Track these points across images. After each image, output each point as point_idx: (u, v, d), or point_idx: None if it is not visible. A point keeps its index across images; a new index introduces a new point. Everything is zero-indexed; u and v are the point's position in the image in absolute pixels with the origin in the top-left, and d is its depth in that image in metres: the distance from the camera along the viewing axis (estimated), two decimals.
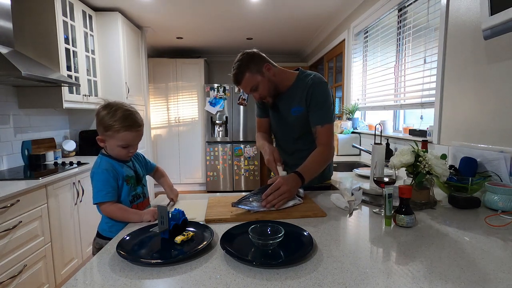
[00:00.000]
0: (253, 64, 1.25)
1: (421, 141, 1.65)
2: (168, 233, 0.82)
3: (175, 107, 4.77)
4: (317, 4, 3.03)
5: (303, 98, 1.30)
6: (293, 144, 1.42)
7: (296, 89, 1.33)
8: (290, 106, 1.34)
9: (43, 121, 2.72)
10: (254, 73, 1.26)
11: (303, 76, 1.34)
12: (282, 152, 1.48)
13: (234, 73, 1.27)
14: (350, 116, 2.98)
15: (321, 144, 1.28)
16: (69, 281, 0.64)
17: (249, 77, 1.26)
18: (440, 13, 1.68)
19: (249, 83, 1.27)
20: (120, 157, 1.09)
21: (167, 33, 4.00)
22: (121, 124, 1.02)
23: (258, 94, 1.31)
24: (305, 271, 0.66)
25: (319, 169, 1.25)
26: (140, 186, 1.15)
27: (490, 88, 1.35)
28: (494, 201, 1.06)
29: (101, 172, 1.03)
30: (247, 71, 1.25)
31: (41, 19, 2.40)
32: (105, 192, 1.01)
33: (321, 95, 1.28)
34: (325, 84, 1.30)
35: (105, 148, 1.09)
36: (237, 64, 1.26)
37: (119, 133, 1.03)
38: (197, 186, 4.98)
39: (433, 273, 0.64)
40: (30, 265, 1.72)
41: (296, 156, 1.41)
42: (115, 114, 1.03)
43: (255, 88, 1.28)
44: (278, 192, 1.07)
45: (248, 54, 1.27)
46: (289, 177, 1.13)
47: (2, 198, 1.52)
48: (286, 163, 1.45)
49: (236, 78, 1.27)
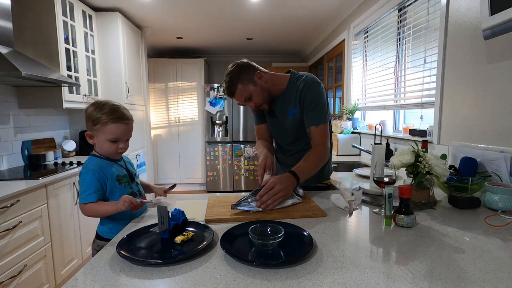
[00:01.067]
0: (243, 75, 1.25)
1: (421, 141, 1.65)
2: (168, 233, 0.82)
3: (175, 107, 4.77)
4: (317, 4, 3.03)
5: (297, 100, 1.30)
6: (293, 145, 1.43)
7: (290, 92, 1.33)
8: (286, 109, 1.34)
9: (43, 121, 2.72)
10: (246, 84, 1.26)
11: (295, 78, 1.34)
12: (282, 153, 1.50)
13: (227, 86, 1.27)
14: (350, 116, 2.98)
15: (316, 145, 1.28)
16: (69, 281, 0.64)
17: (242, 88, 1.26)
18: (440, 13, 1.68)
19: (243, 94, 1.27)
20: (109, 154, 1.08)
21: (167, 33, 4.00)
22: (109, 116, 1.02)
23: (254, 103, 1.31)
24: (305, 271, 0.66)
25: (314, 168, 1.25)
26: (134, 184, 1.14)
27: (490, 88, 1.35)
28: (494, 201, 1.06)
29: (85, 173, 1.02)
30: (238, 82, 1.25)
31: (41, 19, 2.40)
32: (87, 193, 1.00)
33: (314, 96, 1.28)
34: (317, 84, 1.29)
35: (94, 145, 1.08)
36: (229, 76, 1.26)
37: (107, 125, 1.02)
38: (197, 186, 4.98)
39: (433, 273, 0.64)
40: (30, 265, 1.72)
41: (296, 157, 1.40)
42: (103, 108, 1.03)
43: (249, 97, 1.29)
44: (273, 191, 1.06)
45: (238, 65, 1.27)
46: (283, 176, 1.13)
47: (2, 198, 1.52)
48: (287, 164, 1.46)
49: (229, 90, 1.27)
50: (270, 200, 1.05)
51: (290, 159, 1.44)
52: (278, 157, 1.55)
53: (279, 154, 1.54)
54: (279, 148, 1.52)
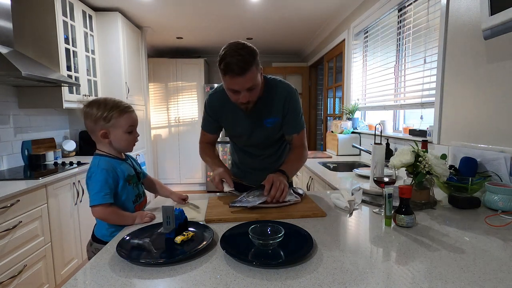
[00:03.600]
0: (256, 63, 1.09)
1: (421, 141, 1.65)
2: (174, 232, 0.83)
3: (175, 107, 4.77)
4: (317, 4, 3.03)
5: (280, 109, 1.25)
6: (265, 150, 1.38)
7: (268, 99, 1.24)
8: (263, 117, 1.26)
9: (43, 121, 2.72)
10: (257, 71, 1.09)
11: (271, 85, 1.25)
12: (249, 157, 1.43)
13: (240, 59, 1.02)
14: (350, 116, 2.98)
15: (297, 146, 1.34)
16: (69, 281, 0.64)
17: (255, 73, 1.07)
18: (440, 13, 1.68)
19: (252, 80, 1.07)
20: (128, 147, 1.06)
21: (167, 33, 4.00)
22: (118, 108, 1.02)
23: (249, 96, 1.12)
24: (305, 271, 0.66)
25: (298, 167, 1.35)
26: (140, 184, 1.14)
27: (490, 88, 1.35)
28: (494, 201, 1.06)
29: (100, 172, 0.98)
30: (254, 64, 1.06)
31: (41, 19, 2.40)
32: (103, 193, 0.96)
33: (297, 105, 1.29)
34: (296, 92, 1.30)
35: (110, 143, 1.04)
36: (245, 50, 1.04)
37: (122, 117, 1.02)
38: (197, 186, 4.97)
39: (433, 273, 0.64)
40: (30, 265, 1.72)
41: (269, 161, 1.41)
42: (107, 104, 1.02)
43: (253, 87, 1.10)
44: (277, 185, 1.10)
45: (254, 49, 1.07)
46: (276, 174, 1.17)
47: (2, 198, 1.52)
48: (256, 168, 1.43)
49: (243, 65, 1.02)
50: (278, 193, 1.09)
51: (262, 162, 1.41)
52: (244, 162, 1.45)
53: (246, 159, 1.44)
54: (246, 154, 1.42)
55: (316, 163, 2.42)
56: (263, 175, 1.19)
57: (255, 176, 1.40)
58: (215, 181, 1.20)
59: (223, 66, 1.05)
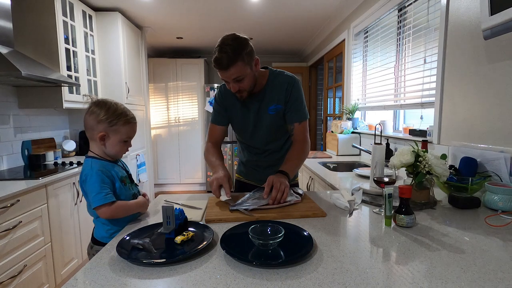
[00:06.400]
0: (246, 54, 1.13)
1: (421, 141, 1.65)
2: (174, 233, 0.83)
3: (175, 107, 4.77)
4: (317, 4, 3.03)
5: (282, 96, 1.29)
6: (270, 145, 1.39)
7: (271, 88, 1.30)
8: (267, 105, 1.30)
9: (43, 121, 2.72)
10: (245, 64, 1.14)
11: (275, 74, 1.32)
12: (253, 153, 1.45)
13: (225, 56, 1.09)
14: (350, 116, 2.98)
15: (298, 141, 1.32)
16: (69, 281, 0.64)
17: (241, 66, 1.12)
18: (440, 13, 1.68)
19: (238, 72, 1.14)
20: (118, 154, 1.08)
21: (167, 33, 4.00)
22: (125, 117, 1.03)
23: (238, 86, 1.18)
24: (305, 271, 0.66)
25: (300, 164, 1.32)
26: (134, 185, 1.14)
27: (490, 88, 1.35)
28: (494, 201, 1.06)
29: (95, 174, 0.98)
30: (239, 59, 1.11)
31: (41, 19, 2.40)
32: (104, 193, 0.96)
33: (299, 93, 1.31)
34: (299, 81, 1.33)
35: (93, 147, 1.05)
36: (231, 47, 1.10)
37: (124, 127, 1.03)
38: (197, 186, 4.98)
39: (433, 273, 0.64)
40: (30, 265, 1.72)
41: (274, 157, 1.42)
42: (117, 109, 1.03)
43: (240, 79, 1.16)
44: (278, 187, 1.11)
45: (244, 40, 1.13)
46: (276, 175, 1.17)
47: (2, 198, 1.52)
48: (261, 166, 1.45)
49: (226, 62, 1.10)
50: (278, 194, 1.09)
51: (267, 159, 1.42)
52: (249, 159, 1.48)
53: (252, 157, 1.46)
54: (251, 151, 1.45)
55: (316, 163, 2.42)
56: (268, 173, 1.23)
57: (260, 174, 1.44)
58: (213, 187, 1.14)
59: (212, 61, 1.15)
